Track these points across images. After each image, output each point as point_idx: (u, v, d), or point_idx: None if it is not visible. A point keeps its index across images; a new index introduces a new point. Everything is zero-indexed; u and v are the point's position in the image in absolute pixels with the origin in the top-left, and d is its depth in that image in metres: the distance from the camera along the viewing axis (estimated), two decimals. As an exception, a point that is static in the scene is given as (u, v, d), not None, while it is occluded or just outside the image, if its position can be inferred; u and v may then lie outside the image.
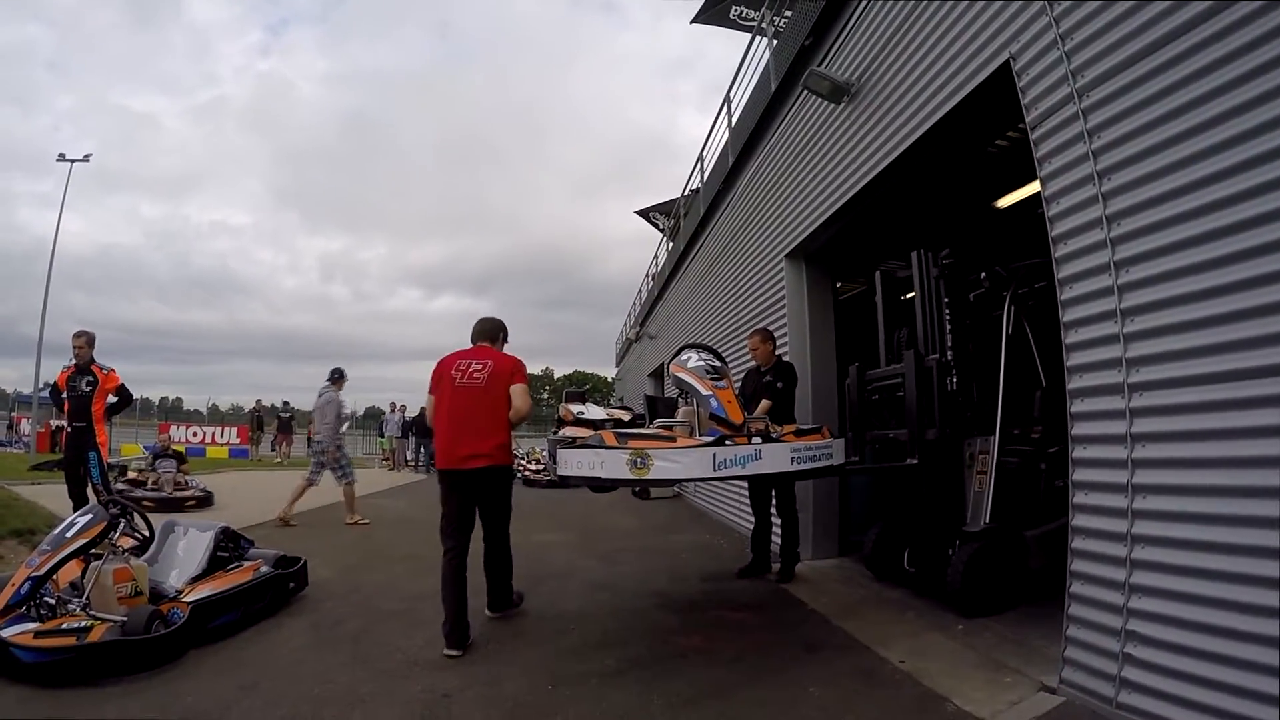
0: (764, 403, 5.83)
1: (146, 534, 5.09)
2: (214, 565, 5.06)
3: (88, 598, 4.21)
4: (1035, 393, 5.57)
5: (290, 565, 5.57)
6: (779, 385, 6.16)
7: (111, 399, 7.47)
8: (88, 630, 3.90)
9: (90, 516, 4.55)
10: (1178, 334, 2.96)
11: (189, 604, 4.45)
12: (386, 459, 20.42)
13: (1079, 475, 3.48)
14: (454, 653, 4.31)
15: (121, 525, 4.75)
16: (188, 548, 5.18)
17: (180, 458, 12.04)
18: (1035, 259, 4.96)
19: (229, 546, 5.34)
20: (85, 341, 7.30)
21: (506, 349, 5.04)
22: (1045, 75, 3.64)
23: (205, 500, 10.84)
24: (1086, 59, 3.37)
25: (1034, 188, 5.13)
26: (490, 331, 4.95)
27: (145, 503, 9.72)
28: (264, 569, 5.24)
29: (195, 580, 4.84)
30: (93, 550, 4.44)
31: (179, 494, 10.69)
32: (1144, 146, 3.09)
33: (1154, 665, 3.00)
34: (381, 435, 20.60)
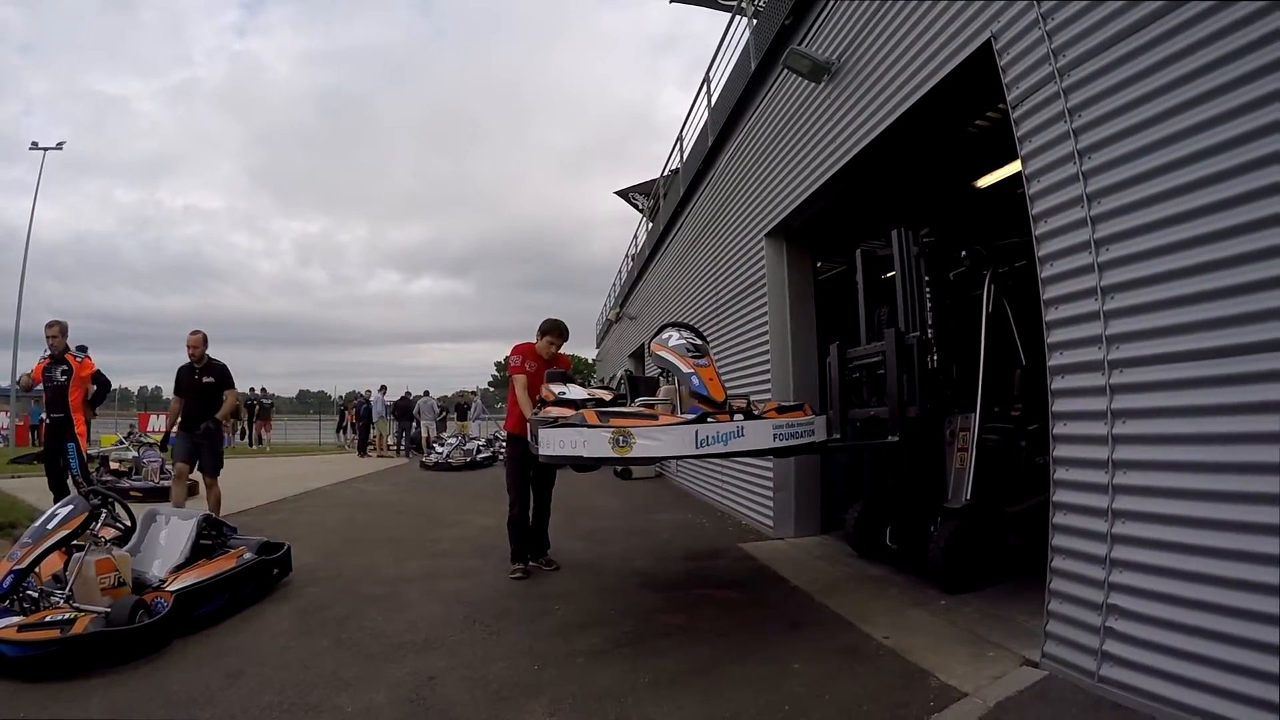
0: None
1: (128, 523, 5.01)
2: (197, 553, 5.00)
3: (71, 590, 4.16)
4: (1015, 371, 5.61)
5: (273, 551, 5.52)
6: None
7: (91, 387, 7.39)
8: (71, 622, 3.84)
9: (71, 508, 4.47)
10: (1157, 311, 2.99)
11: (173, 593, 4.40)
12: (372, 444, 20.20)
13: (1060, 451, 3.51)
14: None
15: (103, 516, 4.67)
16: (170, 536, 5.10)
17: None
18: (1015, 238, 4.98)
19: (211, 534, 5.27)
20: (59, 330, 7.19)
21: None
22: (1026, 55, 3.64)
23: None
24: (1067, 39, 3.37)
25: (1014, 167, 5.15)
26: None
27: (133, 493, 9.72)
28: (247, 555, 5.20)
29: (178, 569, 4.78)
30: (74, 541, 4.39)
31: (165, 483, 10.28)
32: (1124, 126, 3.10)
33: (1135, 639, 3.05)
34: (371, 421, 20.22)
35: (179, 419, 6.95)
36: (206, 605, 4.59)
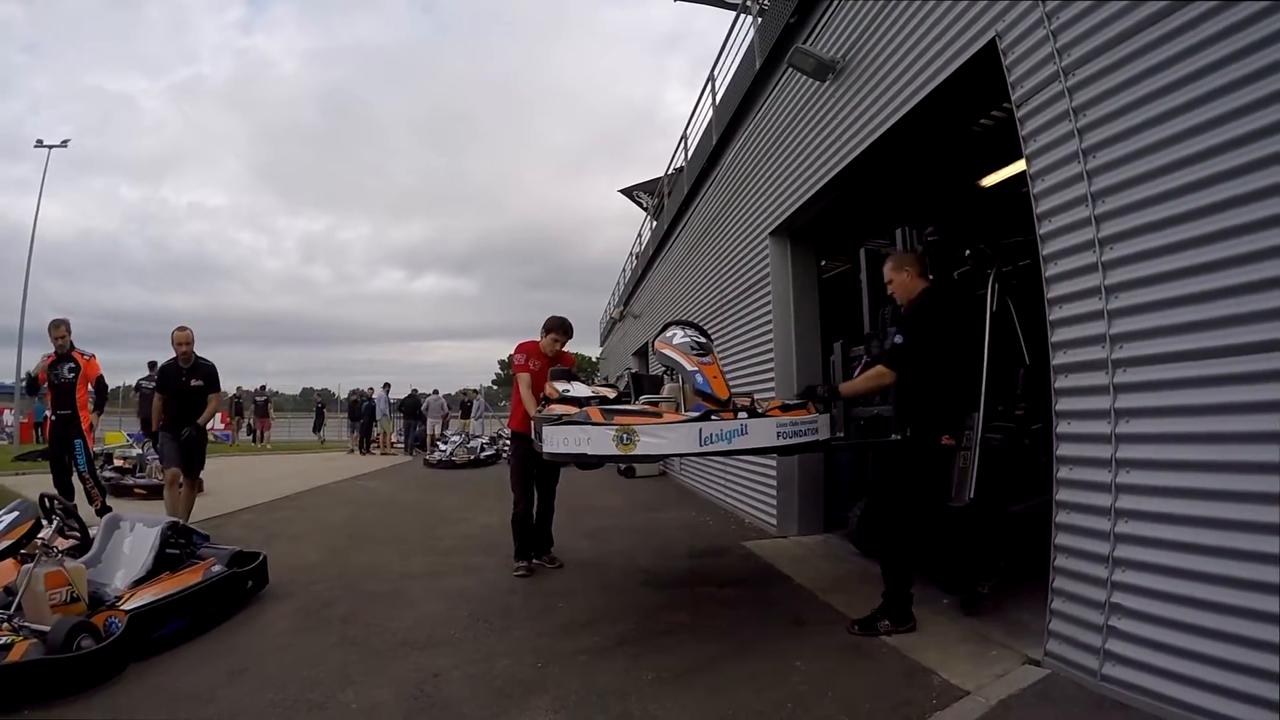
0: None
1: (79, 531, 4.67)
2: (161, 565, 4.54)
3: (18, 606, 3.77)
4: (1019, 370, 5.59)
5: (247, 563, 5.12)
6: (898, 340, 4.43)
7: (91, 392, 7.37)
8: (8, 648, 3.44)
9: (15, 514, 4.12)
10: (1161, 310, 2.99)
11: (127, 612, 3.97)
12: (376, 442, 20.27)
13: (1063, 450, 3.51)
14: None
15: (55, 523, 4.39)
16: (134, 546, 4.68)
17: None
18: (1019, 237, 4.97)
19: (179, 543, 4.80)
20: (66, 329, 7.19)
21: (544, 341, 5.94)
22: (1031, 53, 3.63)
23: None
24: (1072, 38, 3.37)
25: (1018, 167, 5.14)
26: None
27: (137, 490, 9.71)
28: (215, 568, 4.76)
29: (139, 583, 4.33)
30: (22, 551, 4.06)
31: None
32: (1128, 125, 3.10)
33: (1137, 638, 3.05)
34: (373, 420, 20.19)
35: (160, 419, 6.87)
36: (168, 625, 4.17)
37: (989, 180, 6.84)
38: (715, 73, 10.18)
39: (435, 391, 21.66)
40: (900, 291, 4.46)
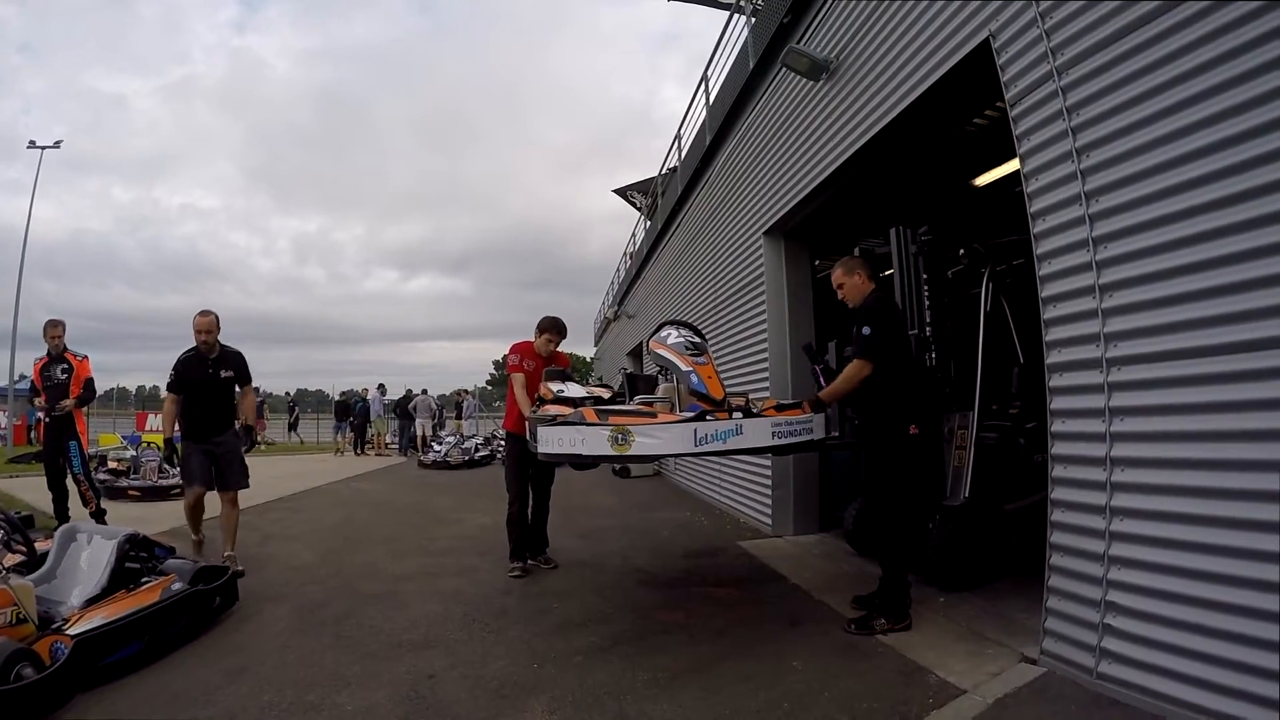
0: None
1: (27, 546, 4.41)
2: (118, 581, 4.22)
3: None
4: (1013, 369, 5.61)
5: (213, 579, 4.70)
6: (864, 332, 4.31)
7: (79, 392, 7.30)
8: None
9: None
10: (1155, 309, 3.00)
11: (73, 637, 3.55)
12: (370, 443, 20.28)
13: (1058, 449, 3.52)
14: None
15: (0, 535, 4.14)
16: (91, 560, 4.35)
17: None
18: (1013, 236, 4.98)
19: (140, 557, 4.49)
20: (61, 330, 7.15)
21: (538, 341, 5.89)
22: (1025, 53, 3.64)
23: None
24: (1065, 37, 3.38)
25: (1012, 166, 5.14)
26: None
27: (131, 492, 9.67)
28: (175, 586, 4.34)
29: (91, 603, 4.00)
30: None
31: (163, 482, 10.15)
32: (1122, 124, 3.11)
33: (1133, 635, 3.06)
34: (367, 420, 20.21)
35: (177, 423, 5.80)
36: (121, 650, 3.77)
37: (983, 179, 6.86)
38: (709, 73, 10.17)
39: (424, 391, 21.60)
40: (851, 294, 4.51)
